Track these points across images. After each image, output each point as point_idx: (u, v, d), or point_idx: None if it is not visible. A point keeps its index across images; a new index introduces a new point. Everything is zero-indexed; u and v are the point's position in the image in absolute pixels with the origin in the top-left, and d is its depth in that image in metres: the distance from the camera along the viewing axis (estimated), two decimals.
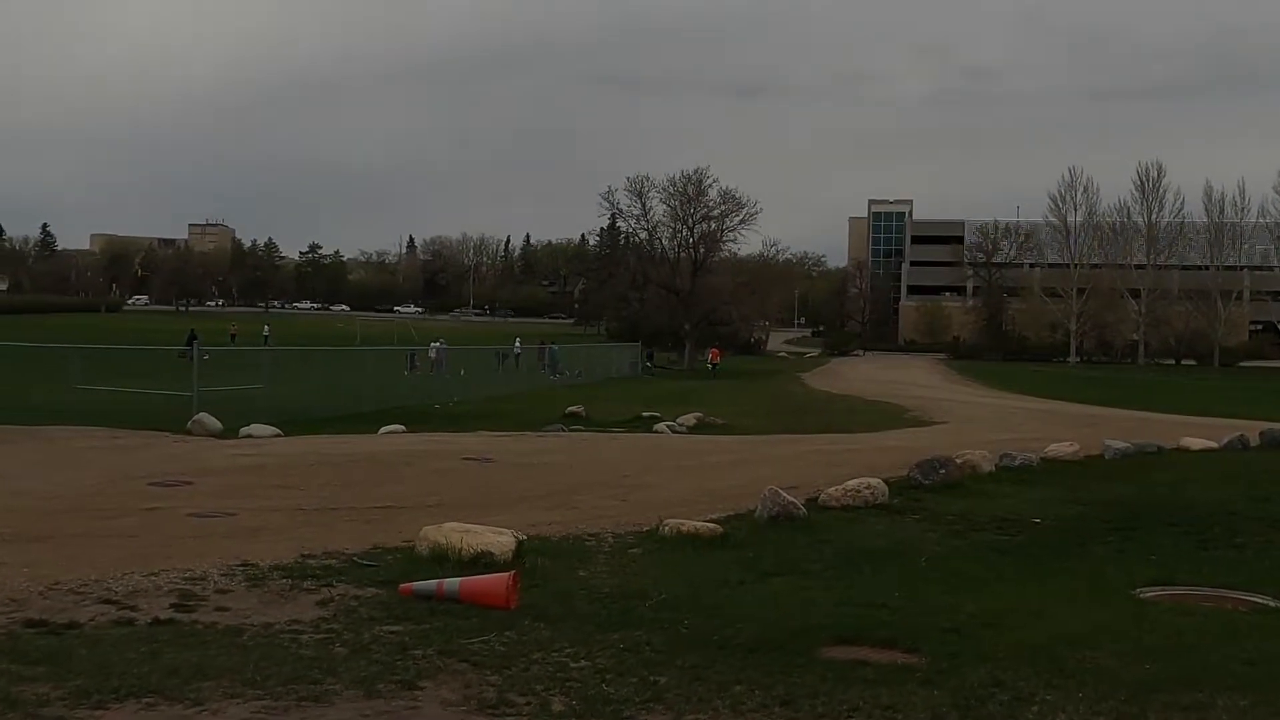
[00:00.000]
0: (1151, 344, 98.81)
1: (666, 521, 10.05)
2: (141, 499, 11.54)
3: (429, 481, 13.91)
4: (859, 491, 12.18)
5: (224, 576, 7.82)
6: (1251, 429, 21.64)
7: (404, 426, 21.85)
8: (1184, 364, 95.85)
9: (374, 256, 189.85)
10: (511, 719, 5.14)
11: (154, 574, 7.78)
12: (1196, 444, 19.91)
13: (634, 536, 9.97)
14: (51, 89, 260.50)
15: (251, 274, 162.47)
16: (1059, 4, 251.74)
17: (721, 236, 75.48)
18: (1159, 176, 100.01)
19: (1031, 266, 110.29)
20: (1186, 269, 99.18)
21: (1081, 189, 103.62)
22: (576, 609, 7.21)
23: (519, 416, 27.67)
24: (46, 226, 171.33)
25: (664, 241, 77.28)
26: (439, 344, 49.11)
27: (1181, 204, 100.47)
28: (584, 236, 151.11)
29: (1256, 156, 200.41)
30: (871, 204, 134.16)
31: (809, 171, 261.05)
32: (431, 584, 7.41)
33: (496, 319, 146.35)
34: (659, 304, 76.69)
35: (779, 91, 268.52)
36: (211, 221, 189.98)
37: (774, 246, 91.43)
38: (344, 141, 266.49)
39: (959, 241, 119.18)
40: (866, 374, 63.81)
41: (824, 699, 5.44)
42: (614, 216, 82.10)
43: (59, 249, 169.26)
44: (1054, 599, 7.97)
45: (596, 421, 27.20)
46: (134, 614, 6.68)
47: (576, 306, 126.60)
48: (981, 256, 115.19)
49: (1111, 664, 6.21)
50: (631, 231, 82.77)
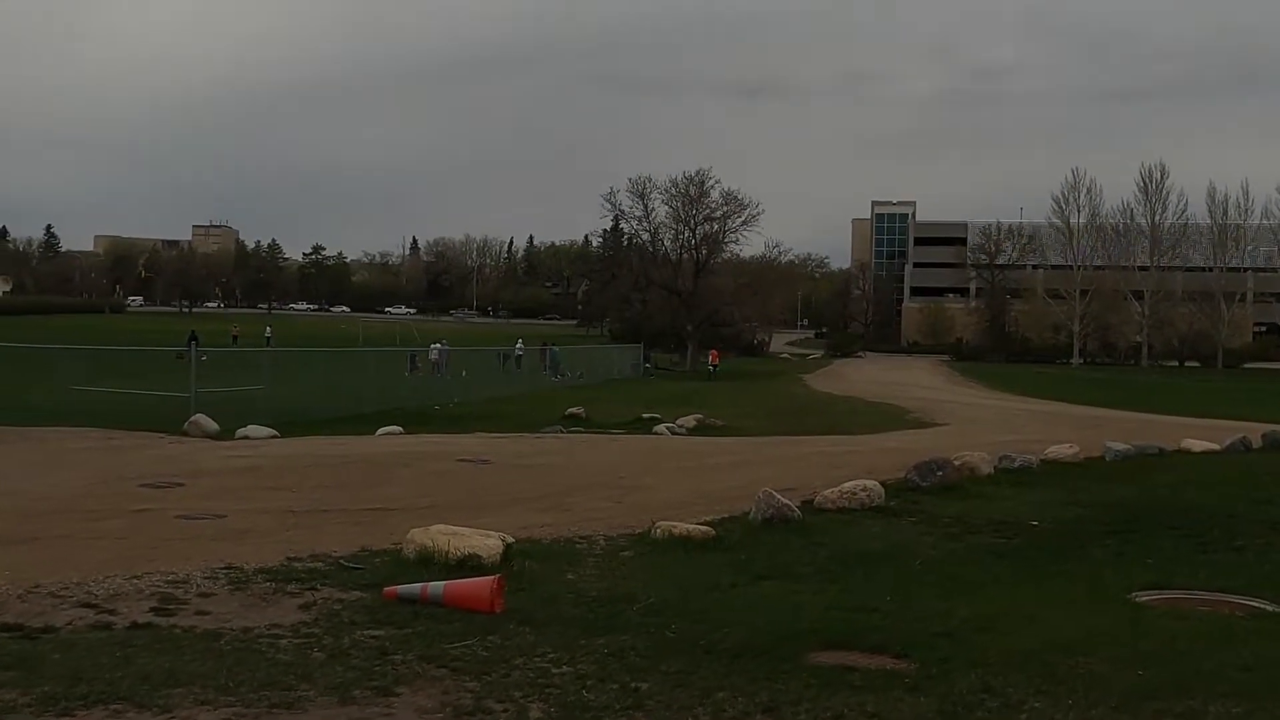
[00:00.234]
0: (1155, 346, 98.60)
1: (658, 524, 9.95)
2: (131, 500, 11.45)
3: (423, 483, 13.81)
4: (855, 493, 12.08)
5: (207, 579, 7.73)
6: (1254, 431, 21.51)
7: (401, 428, 21.75)
8: (1187, 366, 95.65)
9: (377, 258, 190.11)
10: None
11: (137, 577, 7.70)
12: (1198, 446, 19.80)
13: (626, 539, 9.87)
14: (55, 91, 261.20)
15: (255, 275, 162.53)
16: (1064, 4, 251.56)
17: (723, 238, 75.24)
18: (1162, 178, 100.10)
19: (1035, 268, 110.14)
20: (1190, 270, 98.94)
21: (1085, 190, 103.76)
22: (562, 613, 7.11)
23: (519, 418, 27.57)
24: (50, 228, 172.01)
25: (666, 243, 77.18)
26: (440, 345, 48.91)
27: (1185, 205, 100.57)
28: (587, 238, 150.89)
29: (1260, 158, 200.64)
30: (874, 205, 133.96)
31: (812, 172, 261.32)
32: (416, 587, 7.32)
33: (498, 320, 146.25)
34: (661, 305, 76.49)
35: (782, 91, 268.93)
36: (215, 223, 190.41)
37: (776, 248, 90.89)
38: (347, 143, 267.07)
39: (962, 243, 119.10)
40: (869, 375, 63.66)
41: (808, 706, 5.33)
42: (617, 218, 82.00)
43: (62, 250, 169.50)
44: (1049, 603, 7.85)
45: (596, 423, 27.11)
46: (112, 618, 6.59)
47: (580, 308, 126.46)
48: (984, 258, 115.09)
49: (1104, 670, 6.09)
50: (634, 233, 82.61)
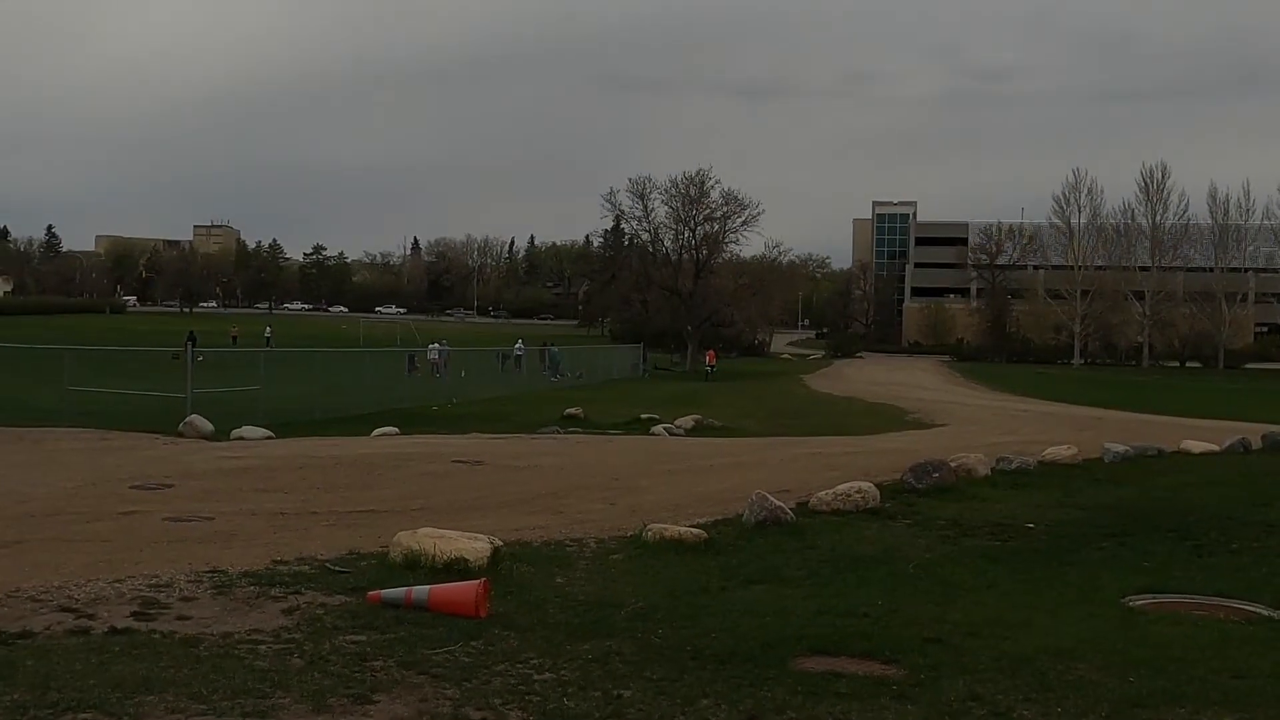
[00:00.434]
0: (1156, 346, 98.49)
1: (650, 526, 9.84)
2: (120, 502, 11.37)
3: (416, 485, 13.71)
4: (849, 495, 11.97)
5: (191, 583, 7.64)
6: (1254, 432, 21.40)
7: (397, 429, 21.64)
8: (1188, 366, 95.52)
9: (378, 258, 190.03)
10: None
11: (119, 581, 7.61)
12: (1197, 447, 19.70)
13: (617, 542, 9.77)
14: (57, 91, 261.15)
15: (256, 275, 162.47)
16: (1066, 6, 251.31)
17: (724, 238, 75.18)
18: (1163, 178, 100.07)
19: (1036, 268, 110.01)
20: (1191, 271, 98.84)
21: (1085, 190, 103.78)
22: (548, 618, 7.01)
23: (517, 418, 27.47)
24: (52, 228, 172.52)
25: (666, 243, 77.06)
26: (440, 345, 48.74)
27: (1186, 206, 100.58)
28: (588, 238, 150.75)
29: (1261, 158, 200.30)
30: (875, 205, 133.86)
31: (813, 172, 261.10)
32: (400, 591, 7.22)
33: (498, 320, 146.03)
34: (661, 306, 76.37)
35: (783, 92, 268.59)
36: (216, 223, 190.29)
37: (777, 248, 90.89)
38: (349, 143, 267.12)
39: (963, 243, 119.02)
40: (869, 376, 63.53)
41: (792, 714, 5.23)
42: (617, 218, 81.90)
43: (64, 250, 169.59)
44: (1042, 607, 7.74)
45: (594, 423, 26.98)
46: (91, 623, 6.49)
47: (580, 308, 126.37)
48: (985, 258, 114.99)
49: (1095, 677, 5.98)
50: (634, 233, 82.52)
